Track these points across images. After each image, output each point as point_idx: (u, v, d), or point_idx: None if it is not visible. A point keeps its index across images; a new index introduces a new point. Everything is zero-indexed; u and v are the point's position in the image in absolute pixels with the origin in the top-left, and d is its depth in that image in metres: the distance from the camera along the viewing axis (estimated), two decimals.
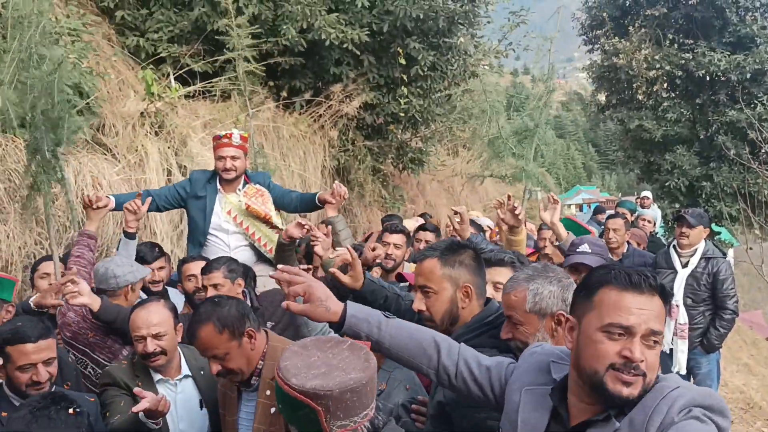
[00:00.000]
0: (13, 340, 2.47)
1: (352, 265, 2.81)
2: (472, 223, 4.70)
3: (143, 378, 2.82)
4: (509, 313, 2.15)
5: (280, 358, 1.61)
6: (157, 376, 2.87)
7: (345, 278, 2.82)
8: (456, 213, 3.82)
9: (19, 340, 2.46)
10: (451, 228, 3.92)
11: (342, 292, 3.43)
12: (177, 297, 4.14)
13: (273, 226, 4.39)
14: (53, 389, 2.57)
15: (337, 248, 3.36)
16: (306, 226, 3.61)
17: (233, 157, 4.32)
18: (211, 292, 3.45)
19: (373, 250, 3.54)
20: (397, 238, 4.23)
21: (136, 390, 2.38)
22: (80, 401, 2.63)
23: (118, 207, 4.08)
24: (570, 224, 4.88)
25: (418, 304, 2.32)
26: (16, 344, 2.46)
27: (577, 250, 3.89)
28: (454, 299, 2.28)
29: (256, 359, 2.48)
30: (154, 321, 2.79)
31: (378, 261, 3.65)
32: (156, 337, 2.78)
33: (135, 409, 2.37)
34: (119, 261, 3.43)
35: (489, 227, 6.14)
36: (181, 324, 3.00)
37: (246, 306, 2.58)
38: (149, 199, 4.07)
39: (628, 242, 5.73)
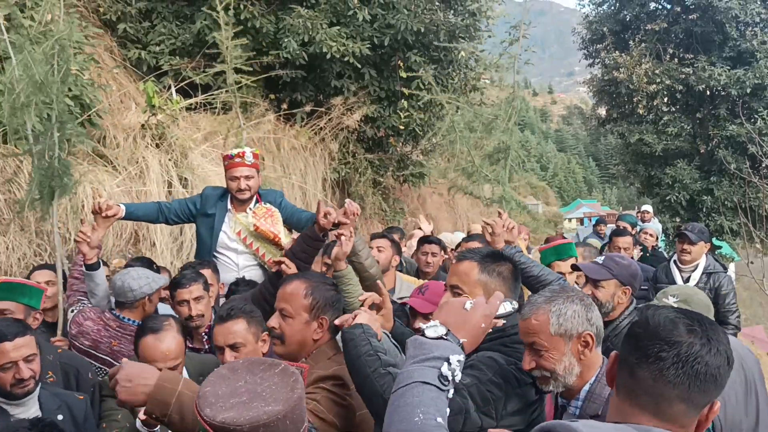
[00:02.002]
0: None
1: (383, 304, 2.56)
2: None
3: None
4: (531, 340, 2.01)
5: (205, 381, 1.44)
6: None
7: None
8: (487, 224, 3.70)
9: None
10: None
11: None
12: (167, 311, 3.99)
13: (282, 247, 4.25)
14: (38, 388, 2.54)
15: (352, 257, 3.25)
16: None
17: (247, 177, 4.18)
18: (194, 306, 3.34)
19: (325, 216, 3.27)
20: (382, 242, 4.21)
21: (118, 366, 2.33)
22: (68, 399, 2.63)
23: (128, 216, 4.03)
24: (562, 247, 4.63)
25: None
26: None
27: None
28: None
29: (307, 349, 2.35)
30: (171, 354, 2.67)
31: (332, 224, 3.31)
32: (172, 367, 2.67)
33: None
34: (135, 274, 3.33)
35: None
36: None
37: (338, 301, 2.47)
38: (100, 233, 3.67)
39: None
